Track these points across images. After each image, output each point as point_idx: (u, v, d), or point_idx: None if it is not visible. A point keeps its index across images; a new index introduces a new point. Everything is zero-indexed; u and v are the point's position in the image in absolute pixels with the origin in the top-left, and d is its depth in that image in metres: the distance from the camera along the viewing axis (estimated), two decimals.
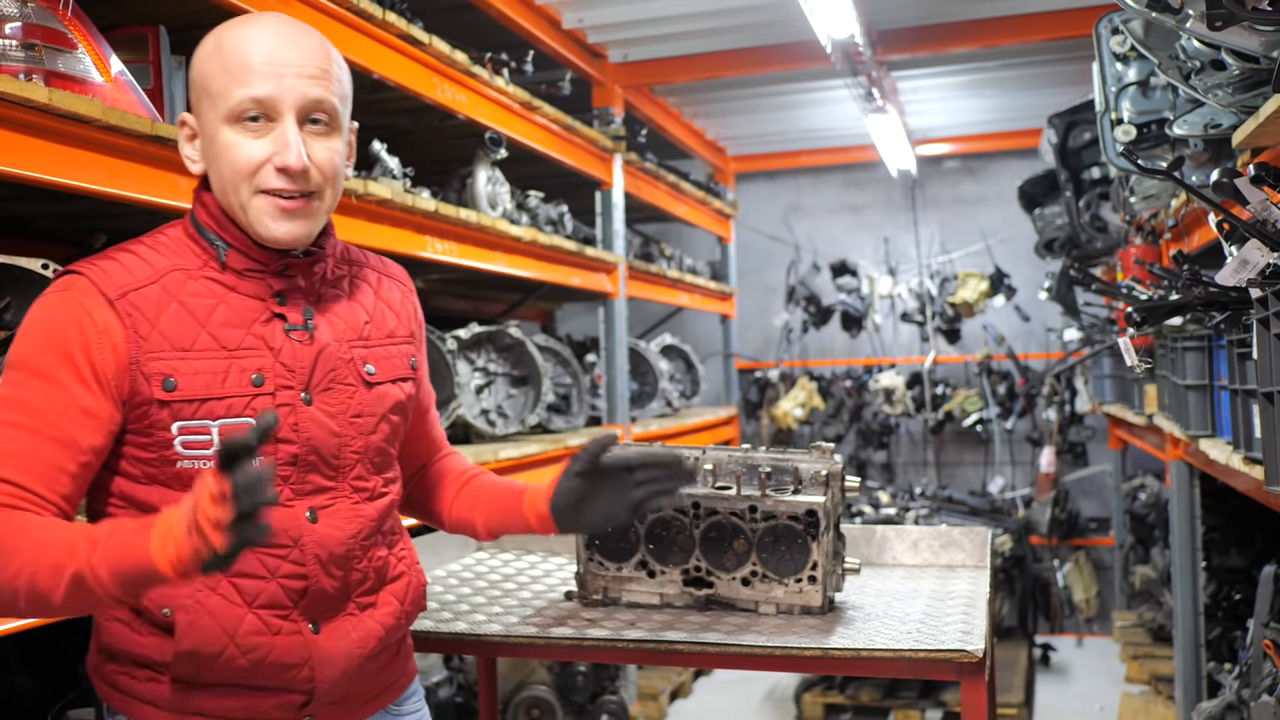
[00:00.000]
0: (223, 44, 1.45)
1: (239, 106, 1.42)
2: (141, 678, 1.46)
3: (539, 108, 4.07)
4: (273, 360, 1.47)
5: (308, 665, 1.48)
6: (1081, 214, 4.76)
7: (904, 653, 1.82)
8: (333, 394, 1.51)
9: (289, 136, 1.43)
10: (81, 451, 1.38)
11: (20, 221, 2.81)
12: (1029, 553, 6.20)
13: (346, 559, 1.51)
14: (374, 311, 1.61)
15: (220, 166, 1.45)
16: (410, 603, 1.63)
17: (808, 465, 2.09)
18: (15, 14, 1.97)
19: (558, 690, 4.24)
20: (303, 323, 1.50)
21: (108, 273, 1.42)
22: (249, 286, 1.48)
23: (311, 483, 1.49)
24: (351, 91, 1.55)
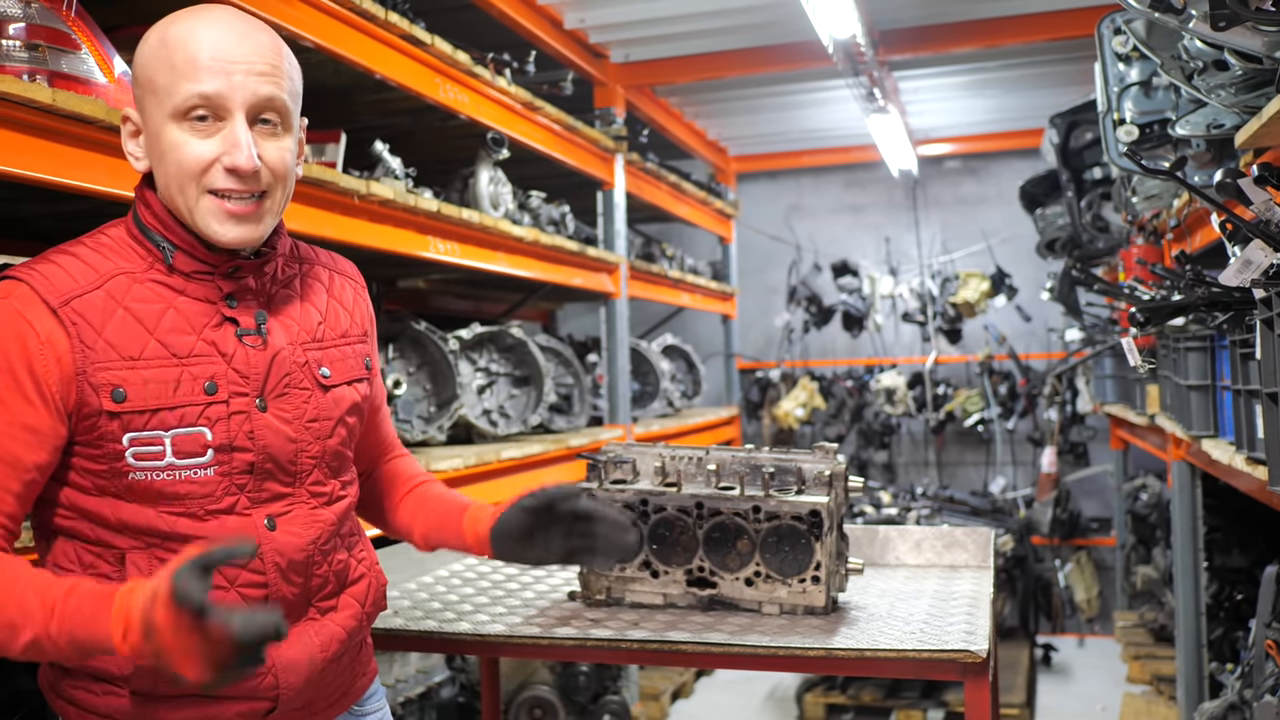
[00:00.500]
0: (168, 38, 1.39)
1: (185, 103, 1.36)
2: (99, 691, 1.41)
3: (541, 108, 4.07)
4: (225, 367, 1.42)
5: (271, 673, 1.44)
6: (1083, 214, 4.76)
7: (908, 653, 1.82)
8: (288, 399, 1.47)
9: (239, 136, 1.37)
10: (25, 470, 1.33)
11: (21, 222, 2.81)
12: (1030, 553, 6.20)
13: (306, 565, 1.48)
14: (327, 311, 1.57)
15: (166, 166, 1.39)
16: (371, 604, 1.61)
17: (811, 465, 2.09)
18: (19, 14, 1.97)
19: (560, 690, 4.24)
20: (255, 327, 1.45)
21: (49, 278, 1.36)
22: (197, 289, 1.43)
23: (268, 490, 1.45)
24: (302, 89, 1.50)
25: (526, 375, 4.23)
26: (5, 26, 1.97)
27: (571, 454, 4.15)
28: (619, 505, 1.57)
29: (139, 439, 1.37)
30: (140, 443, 1.37)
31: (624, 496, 2.11)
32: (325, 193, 2.77)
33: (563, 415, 4.58)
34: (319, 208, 2.76)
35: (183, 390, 1.39)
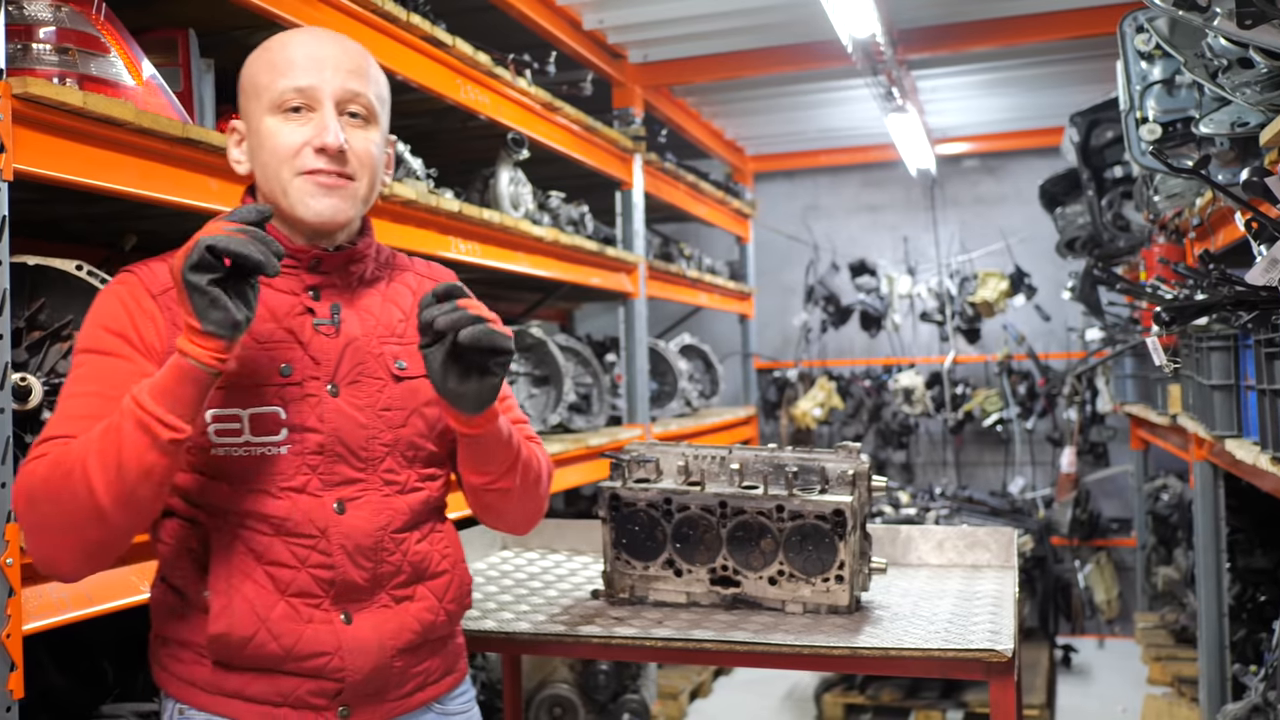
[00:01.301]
0: (269, 45, 1.56)
1: (281, 96, 1.51)
2: (187, 659, 1.52)
3: (560, 108, 4.08)
4: (301, 352, 1.52)
5: (338, 655, 1.50)
6: (1104, 213, 4.74)
7: (933, 652, 1.82)
8: (360, 387, 1.55)
9: (327, 120, 1.51)
10: None
11: (53, 224, 2.84)
12: (1050, 553, 6.17)
13: (375, 550, 1.53)
14: (411, 312, 1.63)
15: (263, 154, 1.53)
16: (450, 600, 1.63)
17: (834, 465, 2.10)
18: (49, 18, 1.99)
19: (580, 689, 4.25)
20: (329, 317, 1.55)
21: (154, 272, 1.54)
22: (284, 282, 1.54)
23: (339, 474, 1.52)
24: (389, 100, 1.62)
25: (546, 375, 4.24)
26: (36, 30, 1.99)
27: (591, 453, 4.16)
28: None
29: (220, 415, 1.49)
30: (221, 419, 1.49)
31: (648, 495, 2.12)
32: None
33: (582, 415, 4.59)
34: None
35: (261, 371, 1.51)
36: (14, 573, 1.82)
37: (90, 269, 2.03)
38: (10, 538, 1.81)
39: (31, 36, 1.98)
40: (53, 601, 1.91)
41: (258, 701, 1.50)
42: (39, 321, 2.05)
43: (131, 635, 2.88)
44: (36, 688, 2.19)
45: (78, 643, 2.76)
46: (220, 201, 2.33)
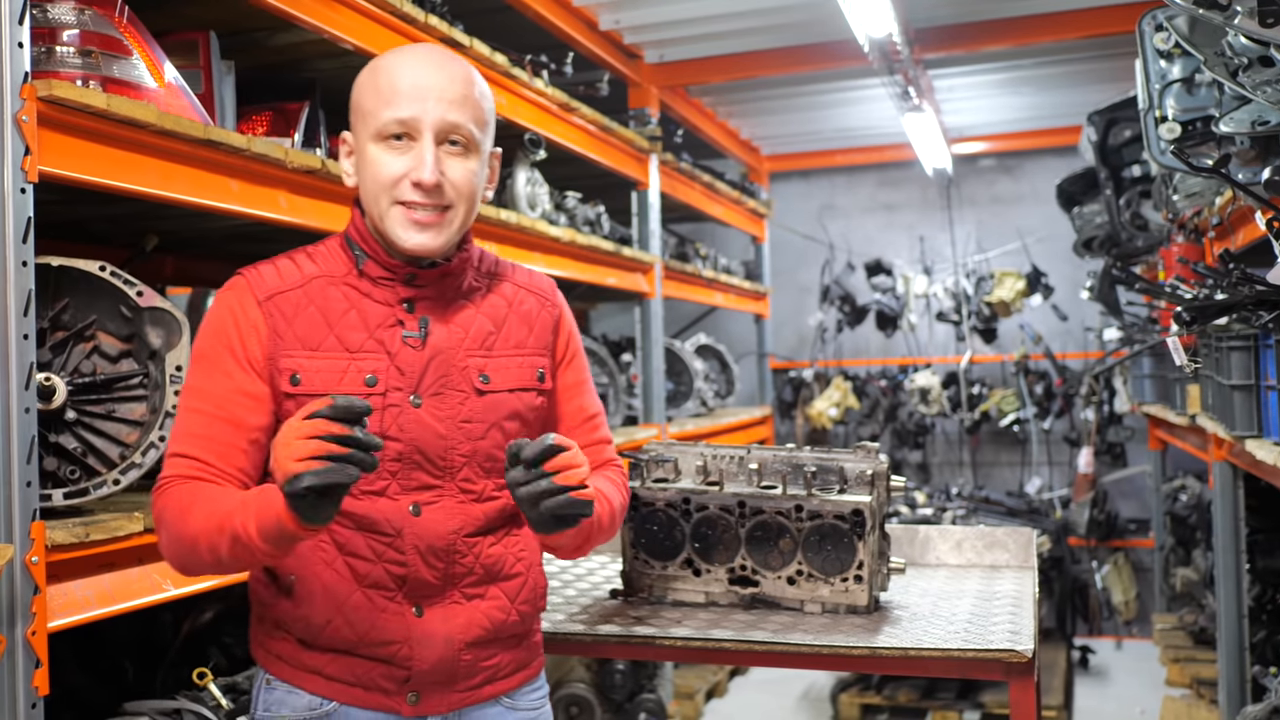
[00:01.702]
0: (377, 69, 1.61)
1: (385, 126, 1.56)
2: (277, 636, 1.63)
3: (577, 109, 4.08)
4: (389, 363, 1.59)
5: (407, 644, 1.58)
6: (1122, 212, 4.72)
7: (952, 652, 1.82)
8: (443, 399, 1.60)
9: (425, 154, 1.55)
10: (249, 430, 1.55)
11: (75, 225, 2.86)
12: (1067, 554, 6.15)
13: (448, 552, 1.60)
14: (504, 323, 1.68)
15: (365, 180, 1.59)
16: (523, 601, 1.68)
17: (853, 465, 2.10)
18: (73, 21, 2.01)
19: (596, 688, 4.26)
20: (417, 330, 1.61)
21: (262, 276, 1.61)
22: (381, 294, 1.61)
23: (416, 480, 1.59)
24: (494, 119, 1.67)
25: None
26: (60, 33, 2.01)
27: None
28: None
29: None
30: None
31: (666, 495, 2.13)
32: None
33: None
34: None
35: (348, 380, 1.57)
36: (39, 571, 1.83)
37: (113, 269, 2.05)
38: (36, 537, 1.83)
39: (56, 40, 2.00)
40: (77, 600, 1.93)
41: (335, 680, 1.59)
42: (62, 322, 2.06)
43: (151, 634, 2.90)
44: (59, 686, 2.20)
45: (98, 641, 2.78)
46: (241, 202, 2.34)
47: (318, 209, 2.59)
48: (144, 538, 2.03)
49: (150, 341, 2.09)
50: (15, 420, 1.81)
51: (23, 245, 1.82)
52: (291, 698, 1.60)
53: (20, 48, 1.82)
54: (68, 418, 2.01)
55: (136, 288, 2.07)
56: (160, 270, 3.67)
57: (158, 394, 2.08)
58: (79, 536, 1.90)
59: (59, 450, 2.01)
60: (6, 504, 1.79)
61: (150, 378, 2.10)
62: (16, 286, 1.81)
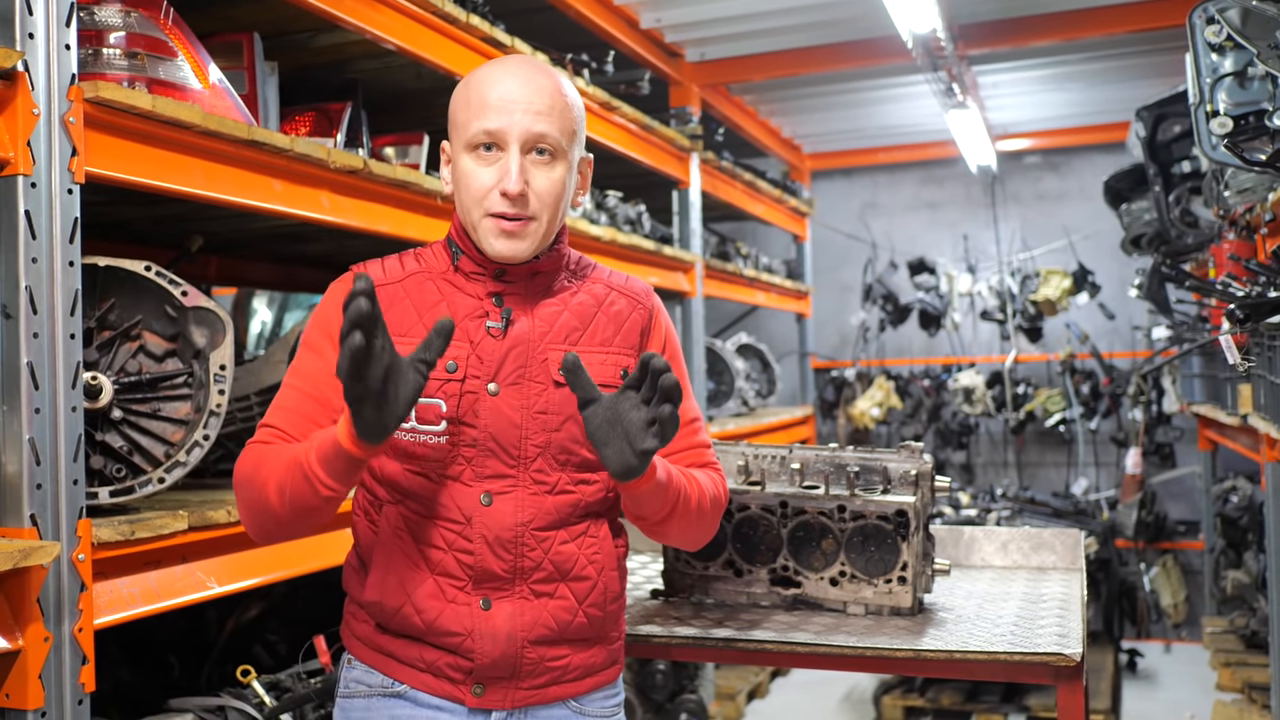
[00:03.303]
0: (470, 82, 1.66)
1: (475, 138, 1.62)
2: (360, 617, 1.69)
3: (618, 108, 4.08)
4: (470, 352, 1.62)
5: (470, 636, 1.60)
6: (1171, 209, 4.65)
7: (999, 655, 1.80)
8: (520, 389, 1.63)
9: (511, 165, 1.60)
10: (335, 410, 1.59)
11: (120, 225, 2.89)
12: (1115, 556, 6.06)
13: (516, 544, 1.61)
14: (591, 321, 1.70)
15: (459, 190, 1.65)
16: (591, 604, 1.66)
17: (897, 465, 2.07)
18: (119, 23, 2.03)
19: (637, 688, 4.25)
20: (500, 320, 1.64)
21: (369, 271, 1.68)
22: (472, 288, 1.67)
23: (490, 467, 1.62)
24: (583, 127, 1.70)
25: None
26: (106, 35, 2.03)
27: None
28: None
29: None
30: None
31: None
32: (409, 194, 2.80)
33: None
34: (404, 209, 2.80)
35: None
36: (86, 569, 1.85)
37: (159, 269, 2.07)
38: (82, 534, 1.85)
39: (102, 42, 2.02)
40: (123, 597, 1.95)
41: (405, 664, 1.64)
42: (109, 321, 2.09)
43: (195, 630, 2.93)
44: (106, 681, 2.23)
45: (144, 638, 2.81)
46: (284, 202, 2.36)
47: (360, 209, 2.60)
48: (189, 535, 2.05)
49: (195, 341, 2.11)
50: (62, 419, 1.83)
51: (70, 245, 1.84)
52: (369, 677, 1.67)
53: (67, 50, 1.84)
54: (114, 416, 2.03)
55: (181, 287, 2.09)
56: (204, 271, 3.71)
57: (202, 393, 2.10)
58: (124, 534, 1.92)
59: (105, 449, 2.04)
60: (54, 502, 1.81)
61: (195, 377, 2.11)
62: (64, 286, 1.83)
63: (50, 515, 1.81)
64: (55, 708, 1.80)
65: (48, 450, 1.80)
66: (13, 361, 1.78)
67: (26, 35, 1.77)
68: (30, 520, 1.78)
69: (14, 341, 1.78)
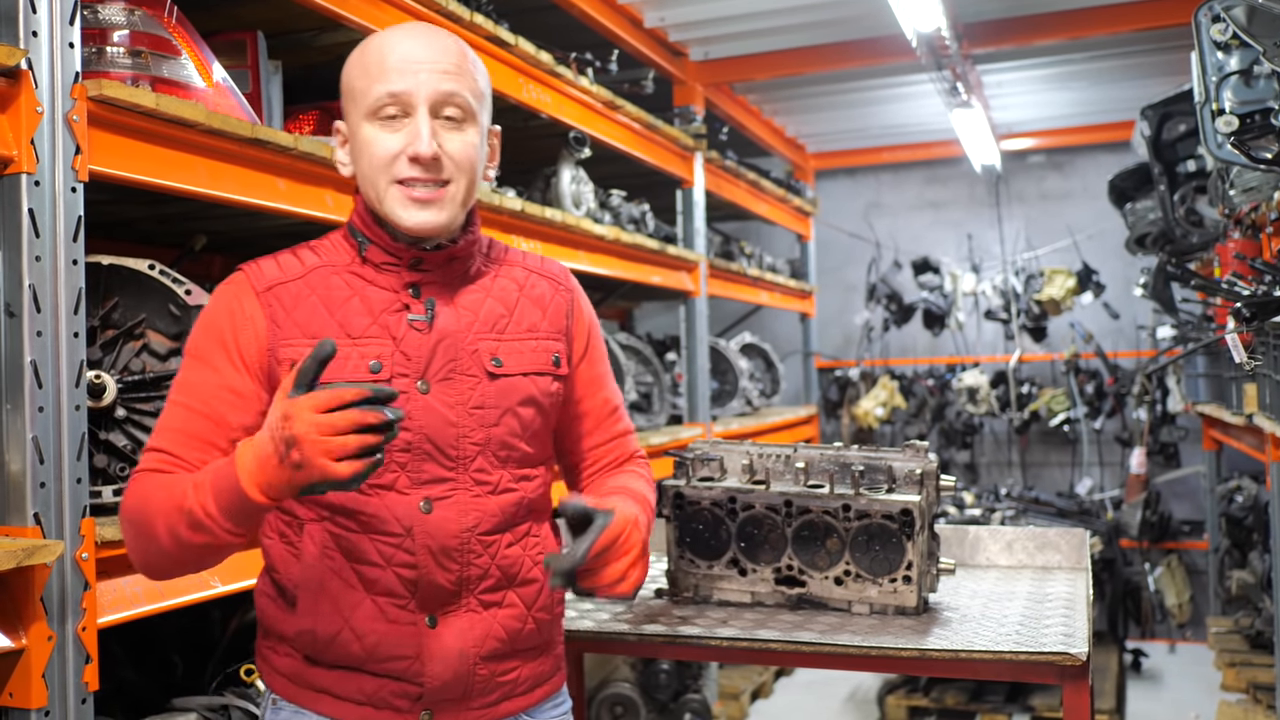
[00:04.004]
0: (365, 48, 1.55)
1: (377, 102, 1.50)
2: (281, 652, 1.55)
3: (621, 107, 4.08)
4: (393, 349, 1.51)
5: (418, 659, 1.49)
6: (1176, 208, 4.64)
7: (1004, 655, 1.79)
8: (452, 384, 1.53)
9: (420, 128, 1.49)
10: (231, 429, 1.47)
11: (124, 224, 2.89)
12: (1119, 556, 6.05)
13: (462, 552, 1.51)
14: (515, 307, 1.62)
15: (361, 162, 1.53)
16: (540, 609, 1.59)
17: (901, 464, 2.07)
18: (123, 22, 2.03)
19: (641, 688, 4.25)
20: (424, 313, 1.54)
21: (262, 269, 1.55)
22: (385, 280, 1.55)
23: (428, 472, 1.50)
24: (490, 92, 1.61)
25: None
26: (110, 34, 2.03)
27: (652, 452, 4.15)
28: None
29: None
30: None
31: (712, 494, 2.11)
32: None
33: (643, 413, 4.58)
34: None
35: (351, 367, 1.50)
36: (89, 567, 1.85)
37: (162, 268, 2.07)
38: (86, 533, 1.85)
39: (106, 40, 2.02)
40: (127, 596, 1.94)
41: (343, 699, 1.51)
42: (112, 320, 2.09)
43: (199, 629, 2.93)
44: (109, 680, 2.23)
45: (148, 636, 2.81)
46: (288, 201, 2.36)
47: None
48: None
49: None
50: (66, 417, 1.83)
51: (73, 244, 1.84)
52: (298, 718, 1.53)
53: (71, 48, 1.84)
54: (117, 415, 2.03)
55: (185, 286, 2.09)
56: (208, 270, 3.70)
57: None
58: None
59: (109, 447, 2.04)
60: (57, 500, 1.81)
61: None
62: (67, 285, 1.83)
63: (54, 514, 1.81)
64: (59, 707, 1.79)
65: (51, 449, 1.80)
66: (16, 360, 1.78)
67: (30, 33, 1.78)
68: (34, 519, 1.78)
69: (17, 340, 1.78)
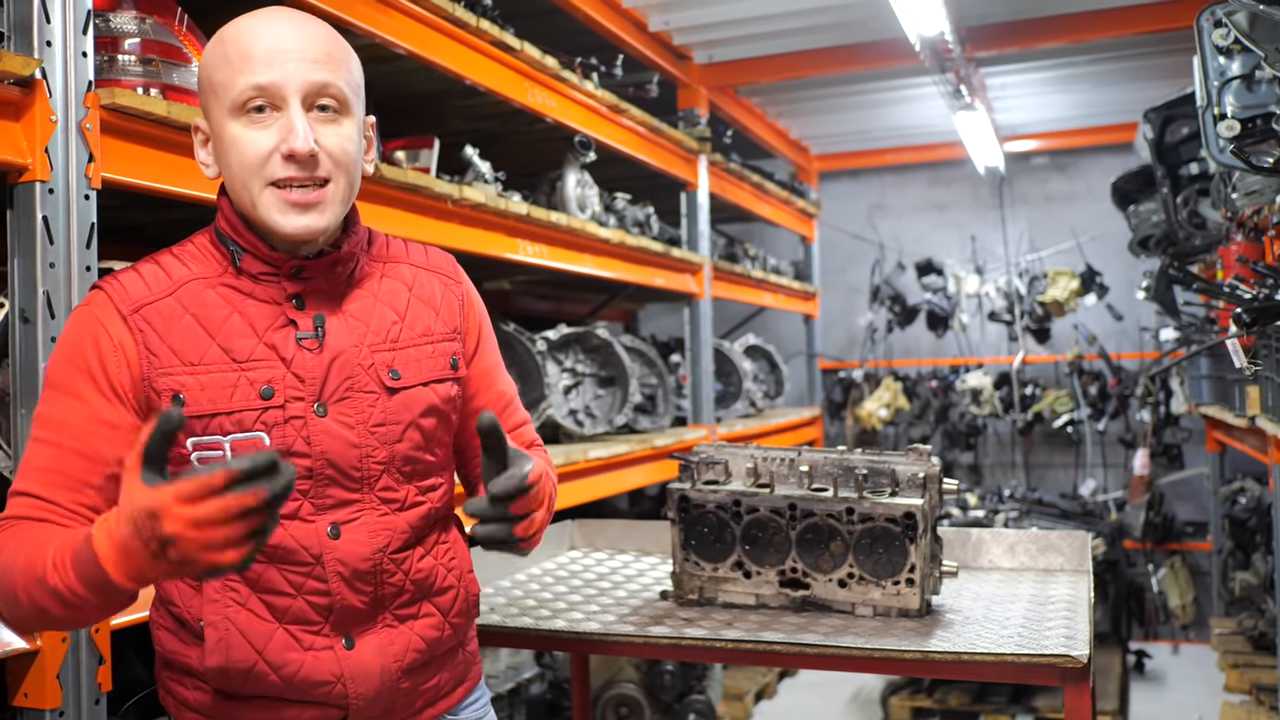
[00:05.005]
0: (224, 38, 1.40)
1: (242, 96, 1.36)
2: (189, 685, 1.45)
3: (626, 110, 4.10)
4: (284, 371, 1.40)
5: (340, 682, 1.43)
6: (1179, 210, 4.65)
7: (1006, 657, 1.81)
8: (350, 403, 1.43)
9: (295, 122, 1.36)
10: (106, 464, 1.34)
11: (133, 228, 2.92)
12: (1122, 557, 6.06)
13: (375, 574, 1.44)
14: (406, 310, 1.52)
15: (229, 163, 1.39)
16: (457, 614, 1.55)
17: (904, 467, 2.09)
18: (134, 30, 2.05)
19: (645, 689, 4.27)
20: (313, 330, 1.43)
21: (125, 287, 1.40)
22: (264, 291, 1.42)
23: (332, 496, 1.43)
24: (363, 82, 1.49)
25: (612, 376, 4.26)
26: (121, 42, 2.05)
27: (657, 454, 4.17)
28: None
29: (201, 443, 1.38)
30: (202, 447, 1.38)
31: (717, 497, 2.13)
32: (420, 197, 2.83)
33: (647, 415, 4.60)
34: (415, 212, 2.82)
35: (240, 395, 1.39)
36: None
37: None
38: None
39: (117, 48, 2.04)
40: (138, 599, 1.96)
41: None
42: None
43: None
44: (121, 680, 2.25)
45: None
46: None
47: (371, 213, 2.62)
48: None
49: None
50: None
51: (86, 250, 1.87)
52: None
53: (84, 57, 1.86)
54: None
55: None
56: None
57: None
58: None
59: None
60: None
61: None
62: (80, 291, 1.85)
63: None
64: (73, 707, 1.82)
65: None
66: (31, 365, 1.81)
67: (44, 43, 1.80)
68: None
69: (32, 345, 1.81)
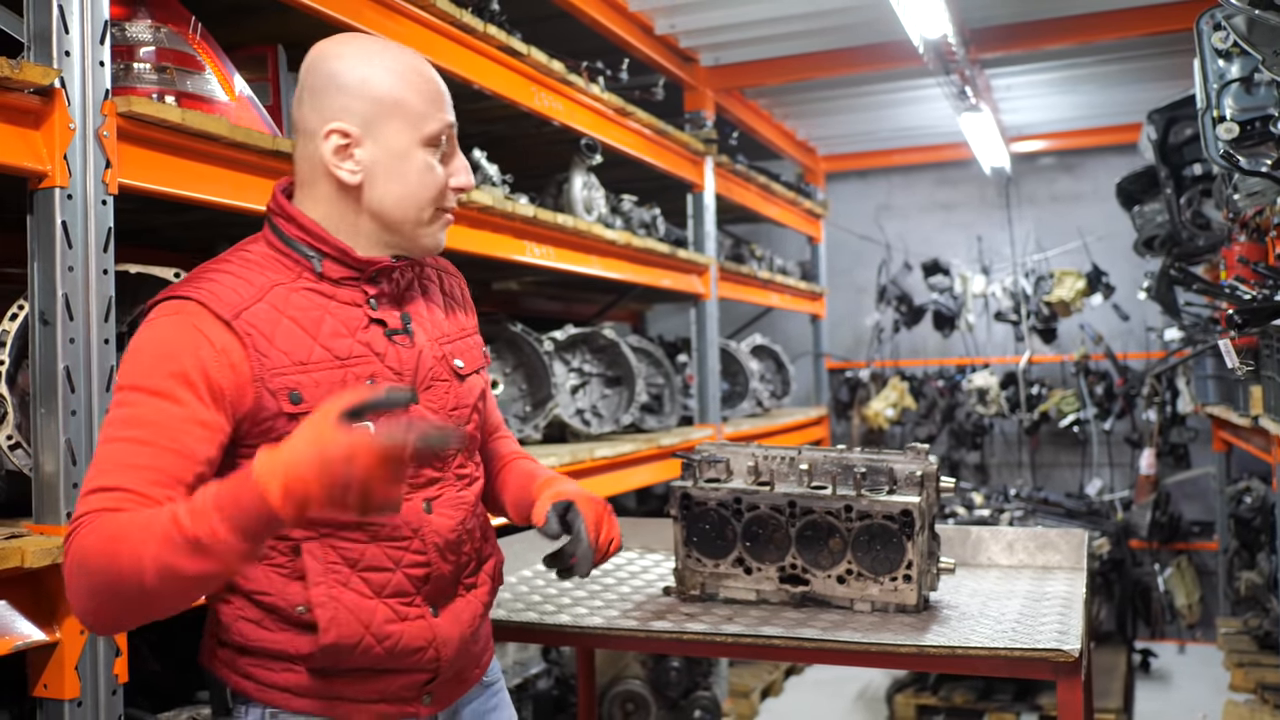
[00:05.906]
0: (406, 68, 1.53)
1: (440, 130, 1.54)
2: (278, 669, 1.52)
3: (632, 113, 4.14)
4: (381, 365, 1.54)
5: (432, 646, 1.58)
6: (1183, 211, 4.67)
7: (999, 651, 1.85)
8: (434, 391, 1.60)
9: (466, 162, 1.57)
10: (198, 462, 1.39)
11: (150, 231, 2.97)
12: (1128, 556, 6.08)
13: (457, 545, 1.61)
14: (447, 307, 1.70)
15: (408, 185, 1.53)
16: (497, 578, 1.73)
17: (902, 466, 2.13)
18: (150, 39, 2.10)
19: (651, 685, 4.31)
20: (401, 326, 1.58)
21: (216, 294, 1.45)
22: (346, 294, 1.54)
23: (424, 475, 1.58)
24: None
25: (618, 376, 4.31)
26: (136, 50, 2.10)
27: (663, 453, 4.21)
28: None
29: None
30: None
31: (718, 495, 2.17)
32: None
33: (654, 415, 4.64)
34: None
35: (345, 389, 1.49)
36: None
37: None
38: None
39: (133, 57, 2.09)
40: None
41: (358, 701, 1.55)
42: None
43: None
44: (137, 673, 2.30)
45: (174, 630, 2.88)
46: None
47: None
48: None
49: None
50: (97, 421, 1.90)
51: (104, 254, 1.91)
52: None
53: (101, 66, 1.91)
54: None
55: None
56: None
57: None
58: None
59: None
60: None
61: None
62: (98, 293, 1.90)
63: None
64: (90, 698, 1.87)
65: (84, 451, 1.87)
66: (50, 366, 1.86)
67: (63, 53, 1.85)
68: (67, 518, 1.85)
69: (51, 347, 1.86)
